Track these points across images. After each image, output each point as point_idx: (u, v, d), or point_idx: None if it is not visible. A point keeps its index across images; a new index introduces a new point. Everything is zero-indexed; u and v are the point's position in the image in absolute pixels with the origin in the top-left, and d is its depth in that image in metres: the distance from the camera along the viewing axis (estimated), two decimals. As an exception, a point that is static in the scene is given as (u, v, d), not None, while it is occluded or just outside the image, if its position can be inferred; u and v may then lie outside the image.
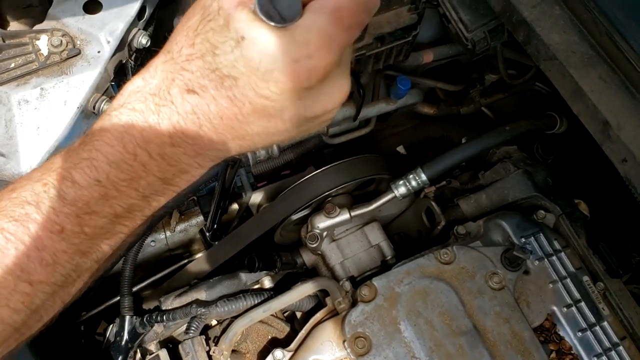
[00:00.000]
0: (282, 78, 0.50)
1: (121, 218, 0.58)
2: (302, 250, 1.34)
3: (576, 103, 0.91)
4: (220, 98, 0.52)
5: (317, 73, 0.50)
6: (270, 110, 0.53)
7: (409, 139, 1.69)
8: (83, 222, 0.56)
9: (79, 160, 0.56)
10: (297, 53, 0.49)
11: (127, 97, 0.56)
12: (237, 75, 0.51)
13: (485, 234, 1.21)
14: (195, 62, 0.52)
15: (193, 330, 1.15)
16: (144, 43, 1.33)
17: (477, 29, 1.18)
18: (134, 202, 0.58)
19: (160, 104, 0.54)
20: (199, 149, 0.56)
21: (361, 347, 1.04)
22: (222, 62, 0.51)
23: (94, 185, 0.55)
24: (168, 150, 0.55)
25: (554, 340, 1.12)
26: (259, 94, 0.51)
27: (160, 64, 0.55)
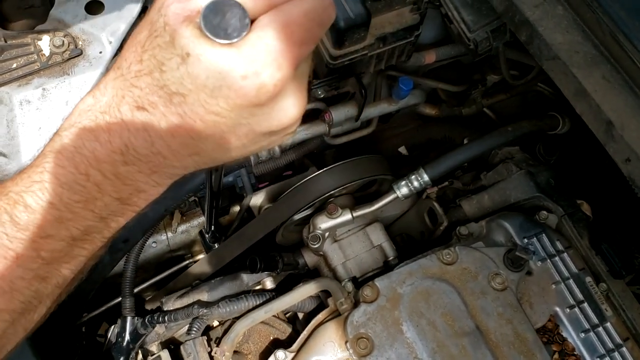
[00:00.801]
0: (231, 94, 0.48)
1: (79, 241, 0.57)
2: (304, 251, 1.34)
3: (579, 103, 0.91)
4: (170, 115, 0.51)
5: (267, 90, 0.48)
6: (222, 126, 0.51)
7: (411, 140, 1.68)
8: (39, 246, 0.54)
9: (30, 184, 0.54)
10: (244, 70, 0.47)
11: (77, 116, 0.54)
12: (185, 92, 0.50)
13: (488, 234, 1.20)
14: (144, 79, 0.51)
15: (195, 331, 1.15)
16: (146, 43, 1.33)
17: (480, 29, 1.18)
18: (90, 224, 0.56)
19: (110, 122, 0.52)
20: (154, 166, 0.54)
21: (363, 347, 1.03)
22: (169, 79, 0.49)
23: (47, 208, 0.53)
24: (122, 169, 0.54)
25: (556, 341, 1.11)
26: (209, 111, 0.50)
27: (110, 81, 0.54)
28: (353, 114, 1.33)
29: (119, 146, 0.52)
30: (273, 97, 0.49)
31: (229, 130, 0.52)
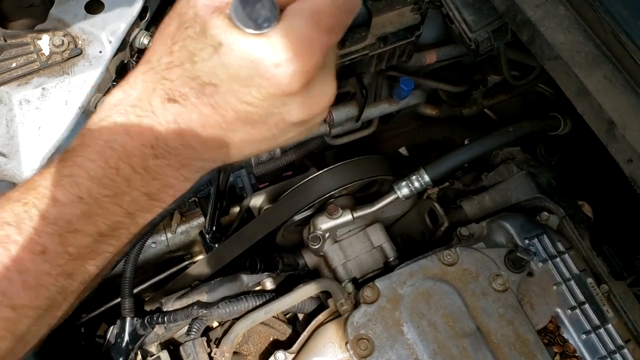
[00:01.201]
0: (264, 83, 0.48)
1: (106, 237, 0.56)
2: (304, 251, 1.34)
3: (581, 103, 0.90)
4: (202, 106, 0.51)
5: (299, 78, 0.49)
6: (254, 116, 0.52)
7: (412, 141, 1.68)
8: (66, 241, 0.54)
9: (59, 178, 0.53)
10: (276, 58, 0.47)
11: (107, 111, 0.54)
12: (217, 83, 0.50)
13: (489, 235, 1.20)
14: (175, 71, 0.51)
15: (194, 331, 1.14)
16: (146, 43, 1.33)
17: (481, 29, 1.18)
18: (118, 220, 0.55)
19: (141, 115, 0.52)
20: (183, 160, 0.54)
21: (364, 349, 1.03)
22: (201, 70, 0.50)
23: (76, 202, 0.53)
24: (151, 163, 0.53)
25: (558, 342, 1.11)
26: (241, 100, 0.50)
27: (140, 75, 0.53)
28: (354, 114, 1.33)
29: (149, 139, 0.52)
30: (305, 85, 0.50)
31: (261, 121, 0.52)
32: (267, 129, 0.53)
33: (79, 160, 0.53)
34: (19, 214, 0.53)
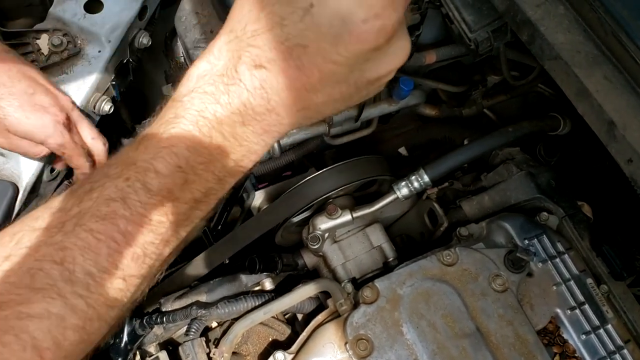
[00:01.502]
0: (352, 40, 0.51)
1: (199, 203, 0.59)
2: (303, 251, 1.33)
3: (581, 103, 0.90)
4: (289, 69, 0.53)
5: (386, 32, 0.51)
6: (338, 76, 0.54)
7: (411, 141, 1.68)
8: (168, 210, 0.57)
9: (158, 150, 0.56)
10: (364, 14, 0.50)
11: (195, 82, 0.57)
12: (306, 44, 0.52)
13: (488, 235, 1.20)
14: (263, 36, 0.53)
15: (193, 331, 1.14)
16: (145, 43, 1.33)
17: (481, 29, 1.18)
18: (210, 186, 0.59)
19: (229, 84, 0.55)
20: (266, 125, 0.57)
21: (363, 349, 1.03)
22: (290, 32, 0.52)
23: (175, 172, 0.56)
24: (239, 130, 0.57)
25: (557, 343, 1.11)
26: (327, 60, 0.52)
27: (224, 44, 0.56)
28: (353, 114, 1.33)
29: (237, 107, 0.55)
30: (390, 39, 0.53)
31: (343, 79, 0.55)
32: (346, 87, 0.56)
33: (175, 131, 0.56)
34: (123, 189, 0.56)
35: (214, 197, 0.61)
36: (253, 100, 0.55)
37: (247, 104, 0.55)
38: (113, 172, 0.57)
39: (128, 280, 0.57)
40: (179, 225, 0.59)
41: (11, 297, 0.51)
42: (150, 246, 0.57)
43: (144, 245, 0.57)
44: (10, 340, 0.50)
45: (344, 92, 0.57)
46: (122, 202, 0.55)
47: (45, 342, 0.51)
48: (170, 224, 0.58)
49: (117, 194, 0.55)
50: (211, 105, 0.56)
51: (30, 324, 0.51)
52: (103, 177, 0.57)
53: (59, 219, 0.55)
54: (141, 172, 0.56)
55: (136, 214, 0.55)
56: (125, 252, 0.55)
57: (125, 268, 0.56)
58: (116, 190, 0.56)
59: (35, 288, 0.52)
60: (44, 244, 0.54)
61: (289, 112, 0.57)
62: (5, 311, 0.51)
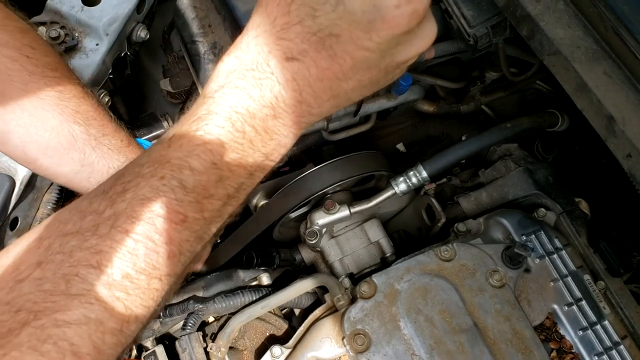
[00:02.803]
0: (385, 26, 0.51)
1: (232, 199, 0.59)
2: (301, 247, 1.33)
3: (580, 98, 0.90)
4: (321, 59, 0.53)
5: (417, 15, 0.52)
6: (370, 61, 0.55)
7: (409, 137, 1.68)
8: (203, 207, 0.57)
9: (192, 147, 0.56)
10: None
11: (225, 78, 0.57)
12: (339, 33, 0.52)
13: (486, 231, 1.20)
14: (293, 29, 0.53)
15: (190, 326, 1.14)
16: (143, 36, 1.32)
17: (480, 24, 1.18)
18: (242, 181, 0.59)
19: (261, 78, 0.55)
20: (296, 117, 0.57)
21: (360, 343, 1.02)
22: (323, 23, 0.52)
23: (210, 169, 0.56)
24: (270, 124, 0.57)
25: (554, 338, 1.11)
26: (359, 47, 0.53)
27: (252, 39, 0.56)
28: (351, 109, 1.33)
29: (269, 100, 0.55)
30: (420, 22, 0.53)
31: (374, 65, 0.56)
32: (377, 72, 0.57)
33: (208, 128, 0.56)
34: (158, 188, 0.55)
35: (245, 192, 0.61)
36: (285, 92, 0.55)
37: (279, 97, 0.55)
38: (146, 171, 0.56)
39: (164, 279, 0.56)
40: (212, 221, 0.59)
41: (47, 305, 0.51)
42: (186, 244, 0.57)
43: (180, 243, 0.56)
44: (49, 348, 0.49)
45: (374, 76, 0.57)
46: (159, 201, 0.55)
47: (84, 347, 0.51)
48: (204, 221, 0.58)
49: (152, 193, 0.55)
50: (243, 100, 0.56)
51: (68, 330, 0.50)
52: (136, 177, 0.56)
53: (92, 222, 0.55)
54: (176, 170, 0.55)
55: (173, 212, 0.55)
56: (162, 252, 0.55)
57: (162, 267, 0.55)
58: (151, 189, 0.55)
59: (71, 294, 0.51)
60: (78, 249, 0.53)
61: (319, 102, 0.57)
62: (41, 320, 0.50)
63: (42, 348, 0.49)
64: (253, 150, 0.57)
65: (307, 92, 0.56)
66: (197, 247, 0.59)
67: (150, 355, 1.12)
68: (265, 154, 0.59)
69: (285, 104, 0.56)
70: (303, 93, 0.55)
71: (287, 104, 0.56)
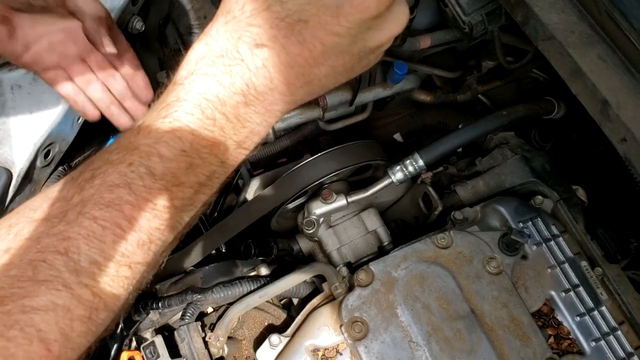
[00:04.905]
0: (353, 10, 0.51)
1: (203, 187, 0.59)
2: (298, 237, 1.33)
3: (575, 83, 0.90)
4: (291, 45, 0.53)
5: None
6: (340, 47, 0.54)
7: (406, 127, 1.68)
8: (173, 195, 0.56)
9: (161, 134, 0.55)
10: None
11: (194, 64, 0.56)
12: (307, 18, 0.52)
13: (483, 219, 1.20)
14: (262, 15, 0.53)
15: (189, 316, 1.14)
16: (139, 28, 1.32)
17: (475, 12, 1.18)
18: (214, 169, 0.58)
19: (230, 64, 0.54)
20: (269, 104, 0.57)
21: (358, 331, 1.03)
22: (291, 8, 0.52)
23: (180, 156, 0.55)
24: (242, 111, 0.56)
25: (552, 325, 1.11)
26: (329, 32, 0.52)
27: (221, 26, 0.55)
28: (347, 98, 1.33)
29: (240, 87, 0.55)
30: (390, 5, 0.53)
31: (345, 51, 0.55)
32: (349, 58, 0.56)
33: (177, 115, 0.55)
34: (127, 174, 0.54)
35: (218, 180, 0.60)
36: (256, 80, 0.55)
37: (250, 84, 0.55)
38: (115, 157, 0.56)
39: (134, 267, 0.56)
40: (184, 210, 0.58)
41: (13, 291, 0.50)
42: (156, 232, 0.56)
43: (150, 231, 0.56)
44: (16, 334, 0.49)
45: (347, 62, 0.57)
46: (127, 188, 0.54)
47: (52, 334, 0.50)
48: (175, 209, 0.57)
49: (120, 179, 0.54)
50: (213, 87, 0.55)
51: (35, 316, 0.50)
52: (104, 164, 0.56)
53: (60, 209, 0.54)
54: (145, 157, 0.55)
55: (141, 200, 0.54)
56: (131, 239, 0.54)
57: (131, 255, 0.55)
58: (119, 176, 0.54)
59: (38, 280, 0.51)
60: (46, 235, 0.53)
61: (291, 89, 0.56)
62: (7, 306, 0.49)
63: (8, 333, 0.49)
64: (224, 138, 0.57)
65: (278, 79, 0.55)
66: (169, 236, 0.58)
67: (150, 346, 1.12)
68: (238, 141, 0.58)
69: (256, 91, 0.55)
70: (274, 80, 0.55)
71: (259, 91, 0.55)
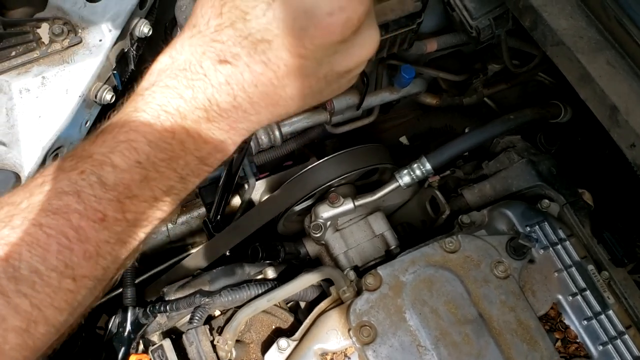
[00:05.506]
0: (318, 33, 0.50)
1: (160, 202, 0.56)
2: (305, 240, 1.34)
3: (584, 88, 0.90)
4: (254, 64, 0.52)
5: (352, 24, 0.50)
6: (306, 69, 0.53)
7: (412, 130, 1.68)
8: (125, 207, 0.54)
9: (116, 144, 0.53)
10: (329, 7, 0.49)
11: (156, 76, 0.55)
12: (270, 38, 0.50)
13: (490, 223, 1.20)
14: (226, 32, 0.52)
15: (197, 320, 1.14)
16: (146, 32, 1.32)
17: (482, 16, 1.18)
18: (172, 184, 0.56)
19: (193, 79, 0.53)
20: (233, 122, 0.55)
21: (366, 335, 1.03)
22: (254, 27, 0.50)
23: (134, 167, 0.53)
24: (204, 127, 0.54)
25: (559, 328, 1.11)
26: (294, 54, 0.51)
27: (186, 39, 0.54)
28: (354, 102, 1.33)
29: (202, 102, 0.53)
30: (356, 31, 0.51)
31: (311, 73, 0.54)
32: (316, 81, 0.55)
33: (135, 125, 0.53)
34: (77, 182, 0.52)
35: (176, 196, 0.57)
36: (218, 96, 0.53)
37: (212, 100, 0.53)
38: (67, 165, 0.54)
39: (79, 280, 0.53)
40: (137, 224, 0.55)
41: None
42: (105, 245, 0.53)
43: (98, 243, 0.53)
44: None
45: (314, 86, 0.55)
46: (76, 196, 0.52)
47: None
48: (127, 223, 0.54)
49: (70, 187, 0.52)
50: (174, 100, 0.53)
51: None
52: (56, 170, 0.54)
53: (7, 213, 0.52)
54: (97, 166, 0.52)
55: (90, 209, 0.52)
56: (77, 250, 0.51)
57: (75, 267, 0.52)
58: (69, 183, 0.52)
59: None
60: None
61: (256, 109, 0.55)
62: None
63: None
64: (184, 153, 0.54)
65: (241, 97, 0.53)
66: (121, 251, 0.55)
67: (158, 349, 1.12)
68: (200, 157, 0.56)
69: (219, 107, 0.53)
70: (237, 98, 0.53)
71: (222, 108, 0.54)
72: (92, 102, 1.22)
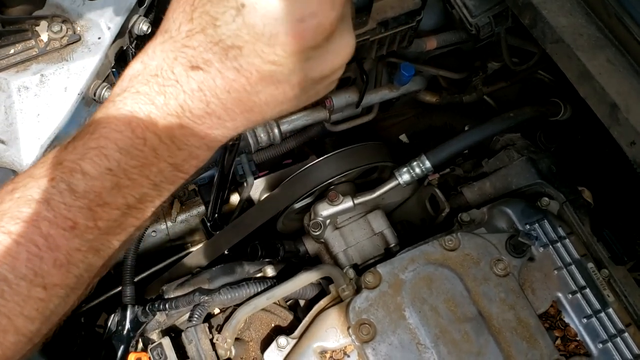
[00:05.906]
0: (289, 40, 0.49)
1: (133, 210, 0.55)
2: (305, 238, 1.34)
3: (583, 86, 0.90)
4: (226, 70, 0.51)
5: (324, 30, 0.49)
6: (279, 75, 0.52)
7: (412, 128, 1.68)
8: (96, 215, 0.53)
9: (86, 151, 0.52)
10: (300, 12, 0.47)
11: (128, 82, 0.54)
12: (241, 44, 0.49)
13: (490, 220, 1.20)
14: (196, 37, 0.50)
15: (196, 318, 1.14)
16: (145, 30, 1.32)
17: (482, 14, 1.18)
18: (145, 192, 0.55)
19: (164, 85, 0.52)
20: (207, 128, 0.54)
21: (366, 333, 1.03)
22: (224, 33, 0.49)
23: (105, 174, 0.52)
24: (177, 133, 0.53)
25: (559, 326, 1.11)
26: (265, 60, 0.50)
27: (158, 45, 0.53)
28: (354, 100, 1.33)
29: (174, 108, 0.52)
30: (328, 37, 0.50)
31: (285, 80, 0.53)
32: (290, 88, 0.54)
33: (105, 131, 0.52)
34: (47, 190, 0.52)
35: (150, 204, 0.56)
36: (191, 102, 0.52)
37: (185, 106, 0.52)
38: (38, 172, 0.53)
39: (50, 289, 0.52)
40: (110, 232, 0.55)
41: None
42: (76, 253, 0.53)
43: (69, 251, 0.52)
44: None
45: (287, 92, 0.54)
46: (45, 204, 0.51)
47: None
48: (99, 231, 0.53)
49: (40, 194, 0.52)
50: (145, 106, 0.52)
51: None
52: (27, 177, 0.53)
53: None
54: (67, 173, 0.52)
55: (60, 217, 0.51)
56: (47, 258, 0.51)
57: (46, 275, 0.51)
58: (39, 190, 0.52)
59: None
60: None
61: (231, 115, 0.54)
62: None
63: None
64: (157, 160, 0.53)
65: (215, 104, 0.52)
66: (94, 259, 0.55)
67: (157, 347, 1.12)
68: (173, 164, 0.55)
69: (192, 114, 0.53)
70: (211, 104, 0.52)
71: (195, 115, 0.53)
72: (91, 100, 1.22)
